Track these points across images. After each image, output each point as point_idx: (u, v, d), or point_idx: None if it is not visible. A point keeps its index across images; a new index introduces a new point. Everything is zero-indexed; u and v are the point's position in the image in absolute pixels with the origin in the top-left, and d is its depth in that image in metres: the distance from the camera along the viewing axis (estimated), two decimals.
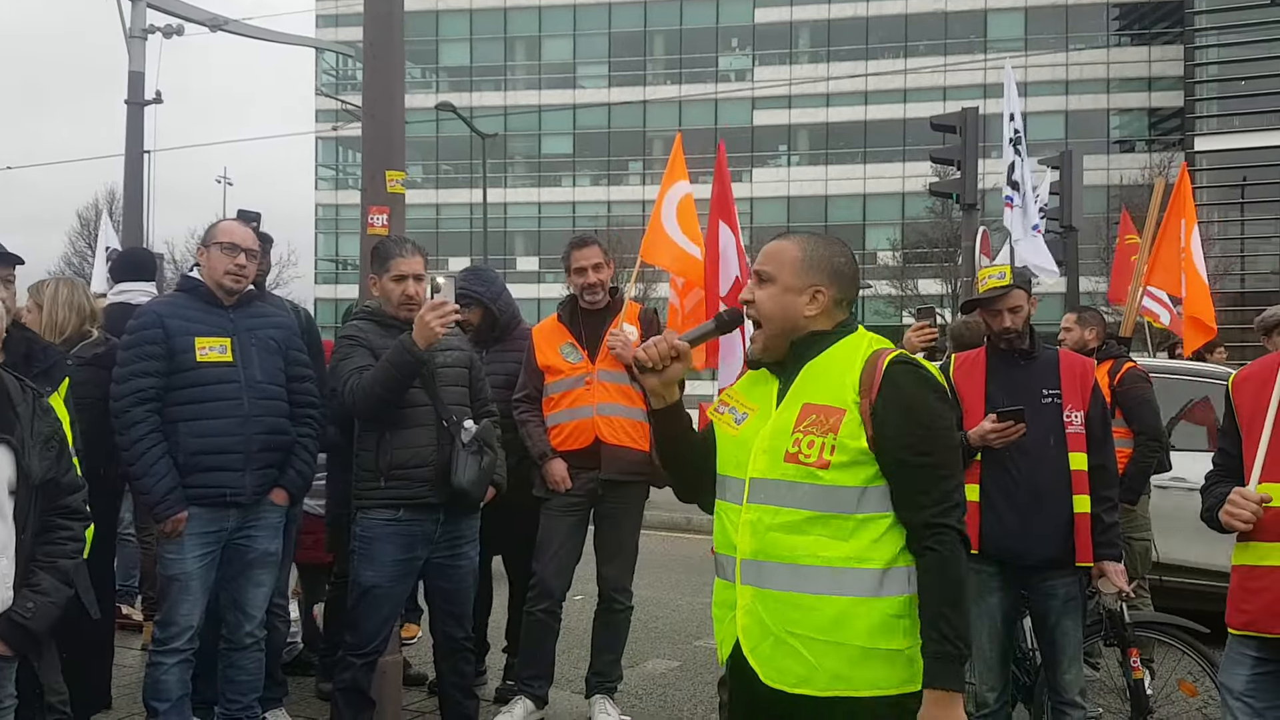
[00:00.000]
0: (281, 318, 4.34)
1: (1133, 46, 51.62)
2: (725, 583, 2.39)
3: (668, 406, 2.49)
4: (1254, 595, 2.91)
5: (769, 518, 2.29)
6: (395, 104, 4.80)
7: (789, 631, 2.26)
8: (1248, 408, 3.03)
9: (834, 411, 2.28)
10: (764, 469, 2.32)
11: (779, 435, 2.32)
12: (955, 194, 13.28)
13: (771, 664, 2.27)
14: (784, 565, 2.27)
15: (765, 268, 2.41)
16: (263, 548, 4.11)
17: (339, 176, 57.70)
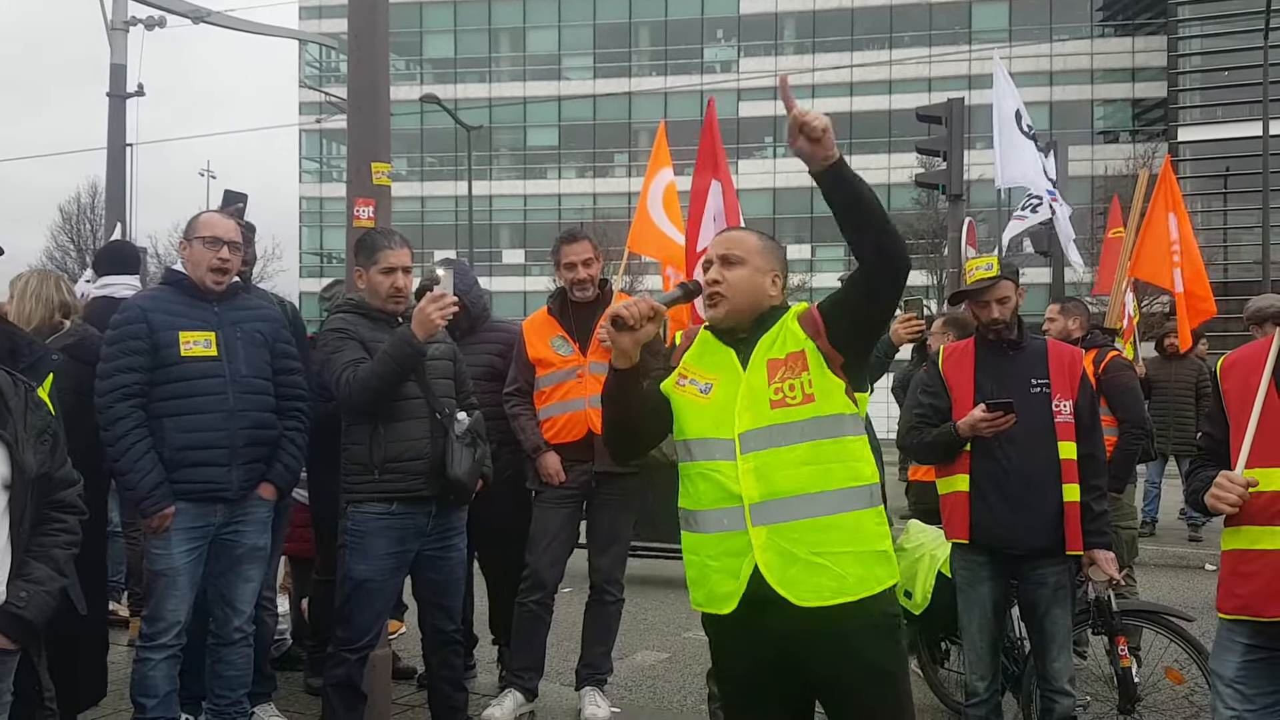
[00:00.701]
0: (268, 310, 4.30)
1: (1116, 37, 51.75)
2: (724, 533, 2.60)
3: (631, 366, 2.70)
4: (1246, 579, 2.91)
5: (774, 459, 2.58)
6: (380, 95, 4.76)
7: (816, 552, 2.55)
8: (1235, 393, 3.04)
9: (796, 355, 2.65)
10: (753, 422, 2.61)
11: (757, 392, 2.63)
12: (941, 185, 13.28)
13: (805, 585, 2.54)
14: (798, 497, 2.57)
15: (734, 251, 2.74)
16: (250, 543, 4.09)
17: (323, 169, 57.40)
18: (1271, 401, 2.92)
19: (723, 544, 2.61)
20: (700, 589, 2.69)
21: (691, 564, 2.72)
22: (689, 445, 2.70)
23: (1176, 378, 9.92)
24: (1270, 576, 2.84)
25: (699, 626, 6.72)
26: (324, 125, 48.42)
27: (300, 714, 4.78)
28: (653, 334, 2.68)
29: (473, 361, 4.97)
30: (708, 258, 2.80)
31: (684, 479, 2.73)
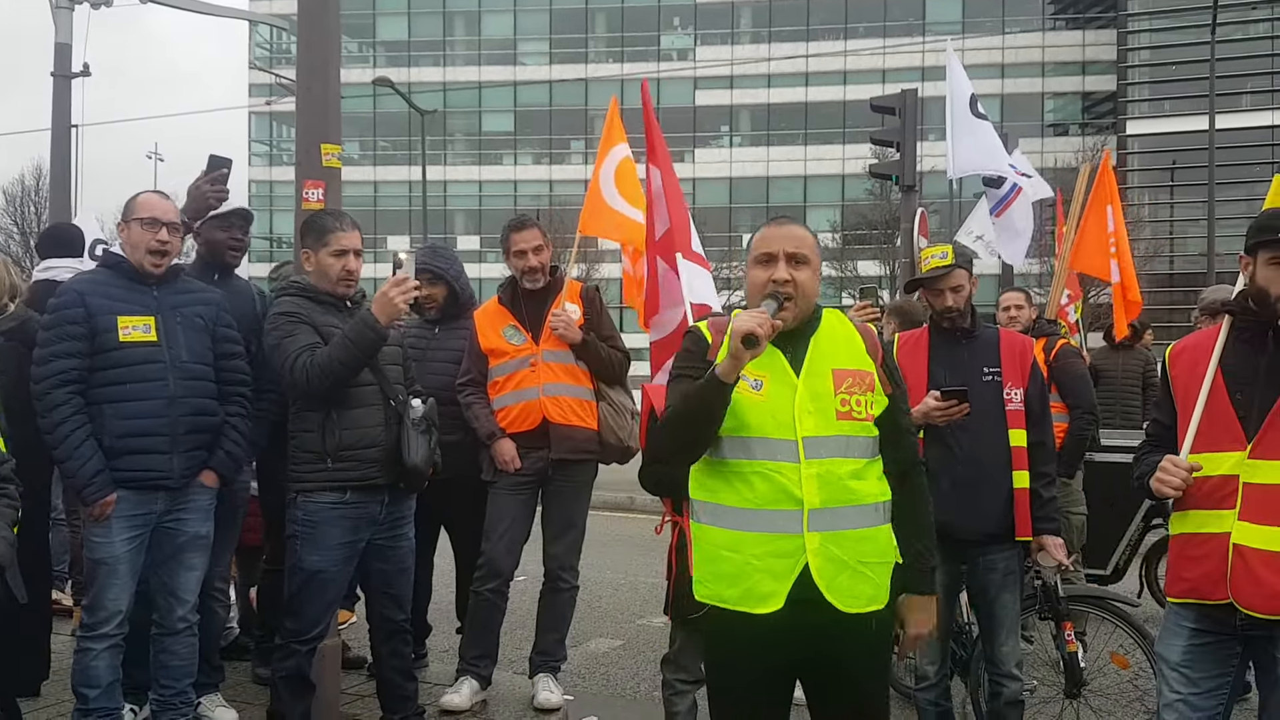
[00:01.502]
0: (208, 294, 4.18)
1: (1067, 31, 52.48)
2: (777, 534, 2.61)
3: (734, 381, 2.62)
4: (1194, 563, 2.95)
5: (837, 469, 2.64)
6: (330, 75, 4.67)
7: (861, 562, 2.65)
8: (1183, 379, 3.08)
9: (865, 374, 2.74)
10: (817, 428, 2.64)
11: (821, 398, 2.67)
12: (895, 176, 13.37)
13: (849, 592, 2.63)
14: (852, 508, 2.65)
15: (803, 251, 2.73)
16: (193, 530, 4.00)
17: (273, 152, 56.60)
18: (1218, 388, 2.96)
19: (771, 544, 2.61)
20: (736, 586, 2.64)
21: (728, 560, 2.66)
22: (748, 443, 2.65)
23: (1123, 367, 10.07)
24: (1218, 560, 2.88)
25: (653, 614, 6.76)
26: (274, 108, 47.73)
27: (248, 704, 4.71)
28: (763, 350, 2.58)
29: (458, 346, 4.98)
30: (768, 252, 2.73)
31: (732, 476, 2.66)
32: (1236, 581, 2.84)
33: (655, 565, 7.87)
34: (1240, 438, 2.89)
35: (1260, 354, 2.93)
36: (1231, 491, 2.88)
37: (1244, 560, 2.83)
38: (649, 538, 8.81)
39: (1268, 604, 2.82)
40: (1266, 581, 2.80)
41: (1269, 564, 2.81)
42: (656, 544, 4.44)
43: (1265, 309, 2.91)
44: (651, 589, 7.36)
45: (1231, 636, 2.92)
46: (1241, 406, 2.91)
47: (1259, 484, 2.85)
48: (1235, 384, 2.94)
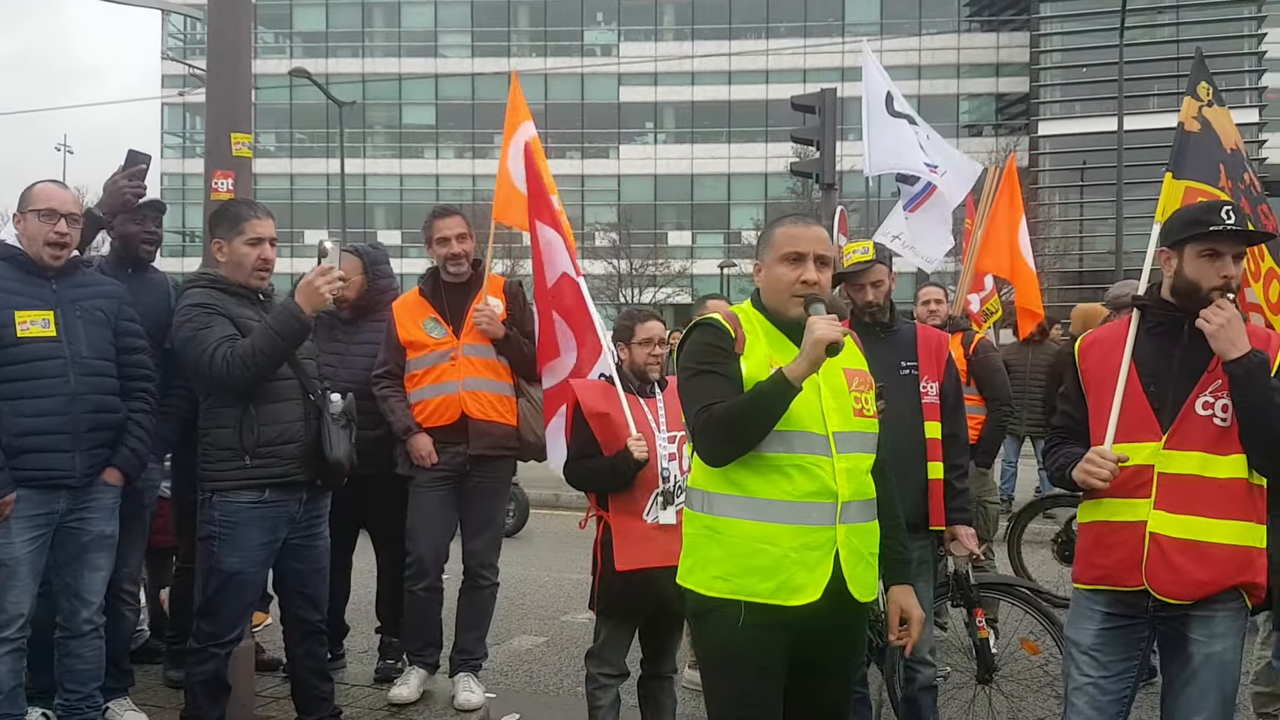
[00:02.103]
0: (109, 287, 4.04)
1: (982, 33, 53.65)
2: (812, 526, 2.68)
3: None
4: (1108, 550, 3.03)
5: (859, 464, 2.77)
6: (241, 62, 4.56)
7: (870, 553, 2.80)
8: (1094, 371, 3.16)
9: (864, 373, 2.88)
10: (841, 424, 2.74)
11: (840, 395, 2.77)
12: (815, 174, 13.53)
13: (863, 582, 2.76)
14: (865, 502, 2.78)
15: (827, 254, 2.80)
16: (97, 530, 3.87)
17: (186, 145, 55.06)
18: (1132, 381, 3.04)
19: (805, 536, 2.67)
20: (771, 579, 2.67)
21: (764, 554, 2.68)
22: (789, 437, 2.68)
23: (1033, 362, 10.36)
24: (1132, 548, 2.96)
25: (578, 610, 6.76)
26: (187, 99, 46.50)
27: (159, 708, 4.59)
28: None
29: (364, 339, 4.92)
30: (798, 252, 2.77)
31: (768, 470, 2.68)
32: (1152, 569, 2.93)
33: (580, 561, 7.85)
34: (1155, 429, 2.97)
35: (1174, 347, 3.02)
36: (1146, 481, 2.96)
37: (1160, 548, 2.92)
38: (572, 534, 8.80)
39: (1184, 590, 2.91)
40: (1183, 568, 2.90)
41: (1185, 551, 2.90)
42: (581, 540, 4.44)
43: (1194, 302, 2.98)
44: (576, 585, 7.34)
45: (1142, 621, 3.02)
46: (1156, 399, 2.99)
47: (1174, 474, 2.94)
48: (1149, 377, 3.02)
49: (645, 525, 3.83)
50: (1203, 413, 2.94)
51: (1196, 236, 2.97)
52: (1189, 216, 3.05)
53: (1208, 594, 2.92)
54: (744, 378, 2.71)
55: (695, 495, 2.84)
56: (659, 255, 49.32)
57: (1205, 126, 3.55)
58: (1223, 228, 2.92)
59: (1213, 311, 2.90)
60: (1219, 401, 2.93)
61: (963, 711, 4.62)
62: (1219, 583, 2.92)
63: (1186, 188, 3.45)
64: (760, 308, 2.88)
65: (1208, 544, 2.90)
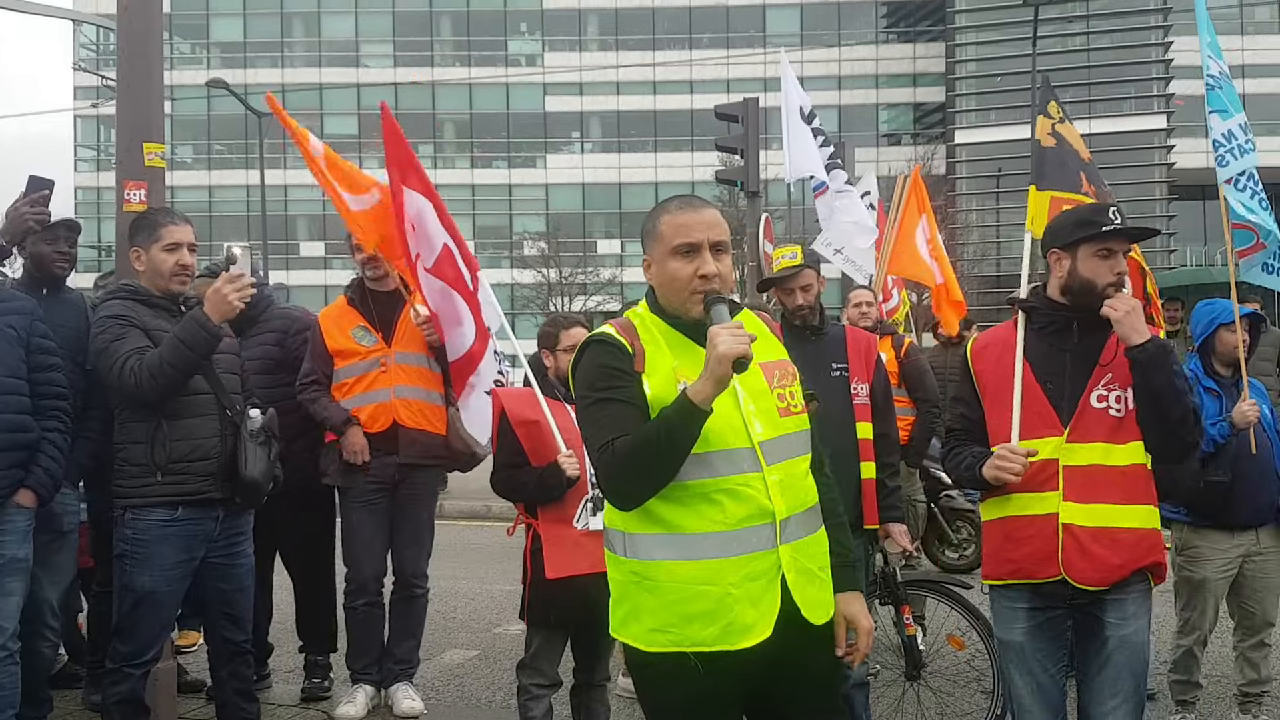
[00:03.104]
0: (21, 303, 3.92)
1: (899, 44, 54.74)
2: (752, 554, 2.33)
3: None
4: (1019, 544, 3.10)
5: (792, 471, 2.43)
6: (153, 70, 4.46)
7: (820, 567, 2.46)
8: (989, 373, 3.25)
9: (785, 364, 2.54)
10: (767, 430, 2.39)
11: (761, 396, 2.42)
12: (739, 182, 13.67)
13: (816, 601, 2.42)
14: (806, 511, 2.46)
15: (723, 237, 2.43)
16: (10, 554, 3.72)
17: (100, 157, 53.60)
18: (1028, 379, 3.13)
19: (747, 567, 2.31)
20: (714, 624, 2.30)
21: (704, 595, 2.31)
22: (710, 459, 2.31)
23: (950, 364, 10.60)
24: (1045, 539, 3.04)
25: (509, 622, 6.70)
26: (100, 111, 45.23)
27: None
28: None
29: (249, 355, 4.78)
30: (690, 242, 2.37)
31: (695, 500, 2.32)
32: (1068, 558, 3.01)
33: (511, 573, 7.79)
34: (1056, 424, 3.06)
35: (1066, 345, 3.12)
36: (1052, 475, 3.05)
37: (1074, 538, 3.01)
38: (503, 546, 8.74)
39: (1100, 576, 3.01)
40: (1098, 555, 2.99)
41: (1098, 539, 3.00)
42: (511, 552, 4.42)
43: (1087, 299, 3.07)
44: (508, 596, 7.28)
45: (1063, 610, 3.10)
46: (1054, 395, 3.08)
47: (1078, 465, 3.03)
48: (1044, 374, 3.12)
49: (576, 532, 3.83)
50: (1098, 405, 3.04)
51: (1090, 237, 3.07)
52: (1079, 219, 3.16)
53: (1121, 578, 3.02)
54: (649, 399, 2.33)
55: (614, 537, 2.45)
56: (588, 263, 49.35)
57: (1060, 141, 3.77)
58: (1113, 227, 3.03)
59: (1118, 300, 3.00)
60: (1112, 393, 3.04)
61: (893, 708, 4.69)
62: (1130, 565, 3.02)
63: (1051, 197, 3.67)
64: (658, 310, 2.48)
65: (1117, 529, 3.00)
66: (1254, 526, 4.48)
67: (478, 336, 4.58)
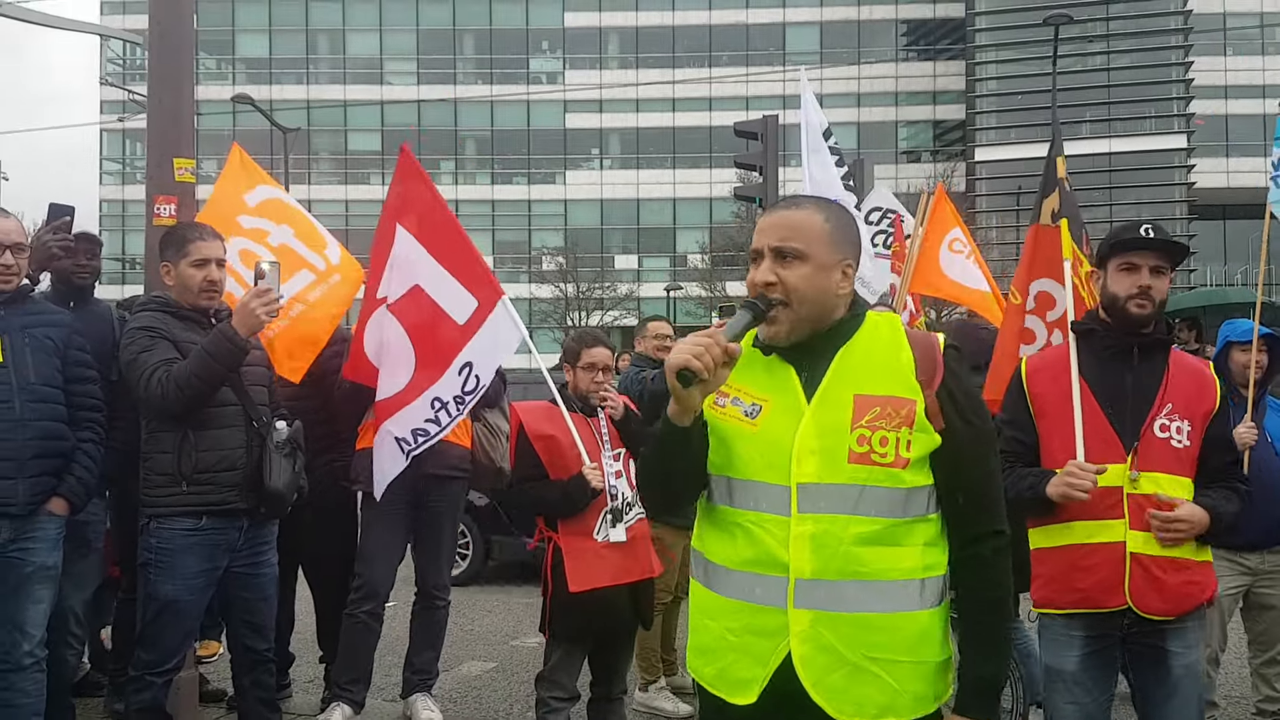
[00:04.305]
0: (59, 315, 3.99)
1: (919, 62, 54.78)
2: (757, 605, 2.06)
3: (695, 420, 2.08)
4: (1086, 573, 3.04)
5: (840, 529, 2.02)
6: (183, 86, 4.54)
7: (870, 657, 2.02)
8: (1046, 395, 3.17)
9: (904, 402, 2.06)
10: (818, 473, 2.03)
11: (832, 433, 2.04)
12: (758, 198, 13.71)
13: (847, 696, 2.02)
14: (862, 583, 2.02)
15: (794, 244, 2.09)
16: (40, 561, 3.77)
17: (126, 170, 54.24)
18: (1090, 404, 3.09)
19: (748, 617, 2.07)
20: (711, 663, 2.14)
21: (704, 629, 2.17)
22: (732, 485, 2.11)
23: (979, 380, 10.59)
24: (1112, 568, 2.99)
25: (527, 634, 6.69)
26: (127, 125, 45.75)
27: None
28: (725, 379, 2.07)
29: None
30: (755, 249, 2.14)
31: (721, 524, 2.15)
32: (1136, 588, 2.97)
33: (528, 585, 7.82)
34: (1119, 450, 3.02)
35: (1126, 369, 3.09)
36: (1117, 502, 3.00)
37: (1143, 568, 2.97)
38: (521, 558, 8.74)
39: (1168, 606, 2.98)
40: (1168, 585, 2.96)
41: (1166, 569, 2.96)
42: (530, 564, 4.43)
43: (1116, 314, 3.08)
44: (526, 609, 7.31)
45: (1116, 639, 3.07)
46: (1115, 420, 3.05)
47: (1142, 494, 2.99)
48: (1105, 398, 3.08)
49: (596, 544, 3.85)
50: (1161, 435, 3.01)
51: (1115, 252, 3.10)
52: (1111, 236, 3.20)
53: (1189, 609, 3.00)
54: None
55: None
56: (606, 279, 49.47)
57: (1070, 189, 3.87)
58: (1136, 236, 3.06)
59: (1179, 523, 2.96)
60: (1174, 424, 3.01)
61: None
62: (1197, 597, 3.01)
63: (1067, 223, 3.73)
64: None
65: (1184, 559, 2.98)
66: (1261, 548, 4.46)
67: (410, 387, 4.49)
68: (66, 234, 4.28)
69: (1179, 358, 3.16)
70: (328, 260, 4.94)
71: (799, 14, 54.16)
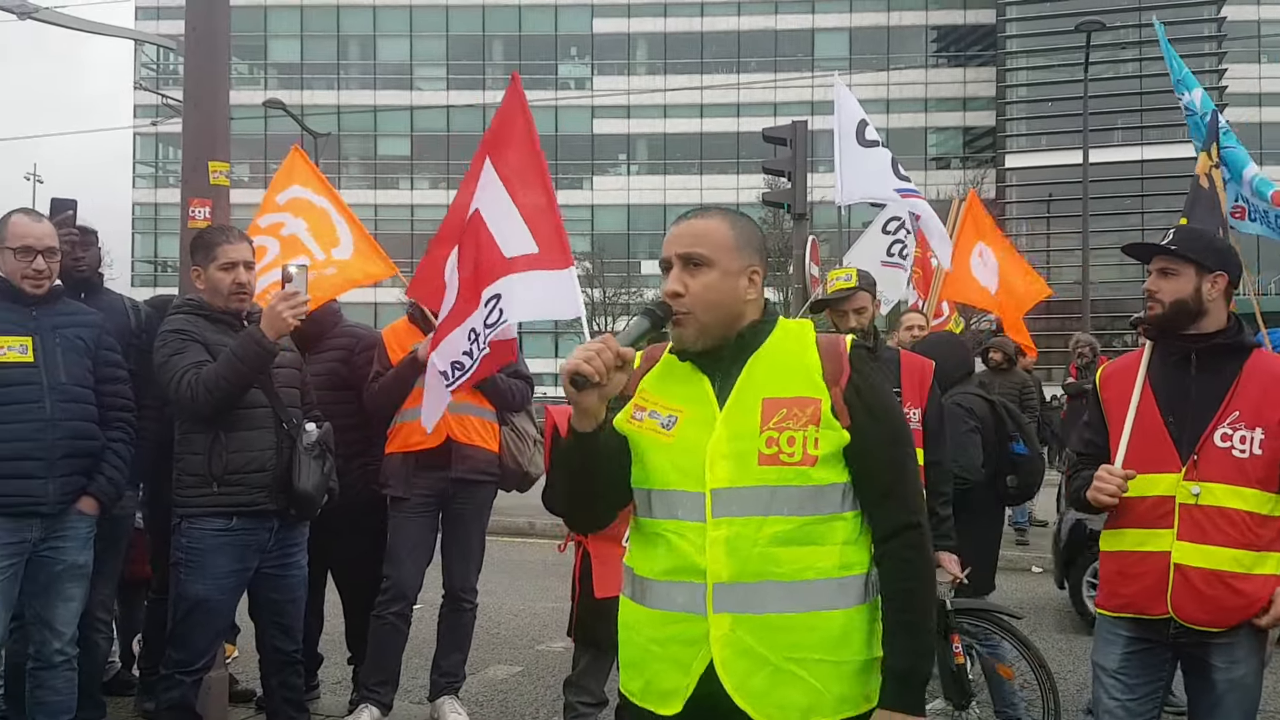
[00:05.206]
0: (90, 315, 4.03)
1: (949, 68, 54.51)
2: (673, 614, 2.08)
3: (596, 426, 2.11)
4: (1132, 580, 3.05)
5: (753, 530, 2.04)
6: (219, 90, 4.58)
7: (791, 658, 2.03)
8: (1115, 400, 3.19)
9: (809, 401, 2.08)
10: (730, 477, 2.06)
11: (742, 438, 2.07)
12: (786, 204, 13.69)
13: (769, 699, 2.03)
14: (779, 584, 2.03)
15: (699, 250, 2.12)
16: (70, 560, 3.82)
17: (158, 174, 54.90)
18: (1151, 411, 3.07)
19: (670, 627, 2.09)
20: (637, 676, 2.16)
21: (630, 643, 2.18)
22: (650, 496, 2.15)
23: (1001, 389, 10.48)
24: (1156, 577, 2.98)
25: (553, 638, 6.69)
26: (160, 129, 46.29)
27: None
28: (622, 383, 2.11)
29: (315, 370, 4.84)
30: (663, 258, 2.19)
31: (640, 536, 2.19)
32: (1178, 599, 2.95)
33: (555, 590, 7.80)
34: (1174, 460, 2.99)
35: (1186, 377, 3.06)
36: (1168, 512, 2.98)
37: (1186, 579, 2.94)
38: (548, 562, 8.78)
39: (1210, 618, 2.94)
40: (1209, 597, 2.92)
41: (1210, 583, 2.92)
42: (555, 569, 4.44)
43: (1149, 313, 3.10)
44: (551, 614, 7.31)
45: (1163, 644, 3.05)
46: (1174, 429, 3.02)
47: (1196, 505, 2.95)
48: (1168, 407, 3.05)
49: (624, 551, 3.83)
50: (1221, 444, 2.96)
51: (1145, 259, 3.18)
52: None
53: (1233, 623, 2.95)
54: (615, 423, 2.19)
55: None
56: (632, 284, 49.50)
57: (1211, 185, 3.72)
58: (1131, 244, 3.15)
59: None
60: (1238, 433, 2.95)
61: None
62: (1243, 612, 2.94)
63: None
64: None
65: (1233, 574, 2.92)
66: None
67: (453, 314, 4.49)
68: (70, 226, 4.32)
69: (1261, 362, 3.06)
70: (329, 255, 4.95)
71: (828, 20, 54.05)
